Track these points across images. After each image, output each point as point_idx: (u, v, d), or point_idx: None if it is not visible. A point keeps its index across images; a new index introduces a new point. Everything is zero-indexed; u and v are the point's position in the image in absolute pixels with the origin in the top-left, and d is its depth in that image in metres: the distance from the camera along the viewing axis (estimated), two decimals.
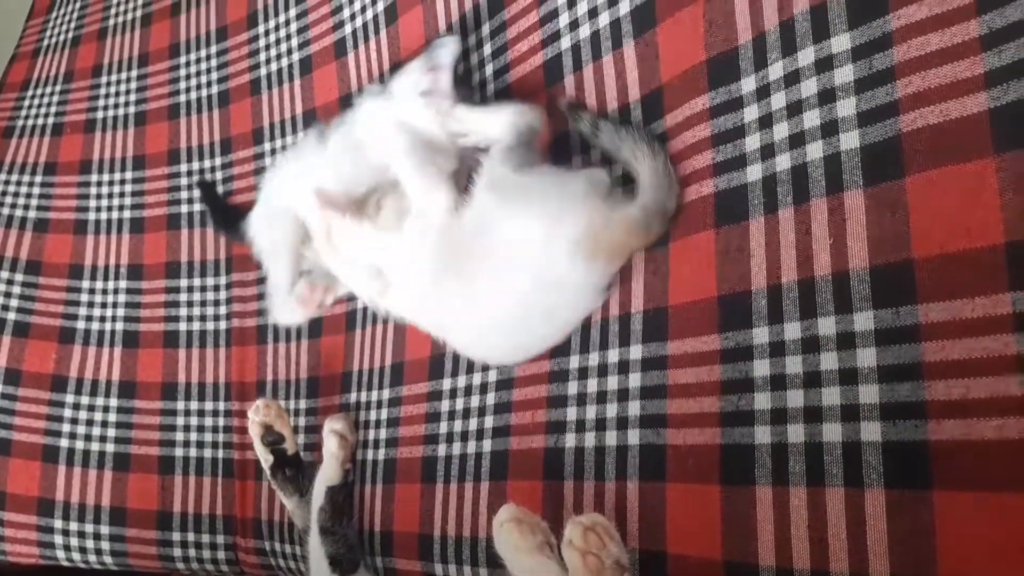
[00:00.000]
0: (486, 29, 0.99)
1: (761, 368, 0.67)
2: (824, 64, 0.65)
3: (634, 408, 0.78)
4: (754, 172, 0.70)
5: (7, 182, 1.58)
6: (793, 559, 0.63)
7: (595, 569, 0.70)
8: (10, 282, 1.48)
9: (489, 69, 0.99)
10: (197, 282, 1.39)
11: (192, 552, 1.30)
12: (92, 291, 1.45)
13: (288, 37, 1.33)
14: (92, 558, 1.34)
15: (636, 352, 0.79)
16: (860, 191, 0.62)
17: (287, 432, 1.14)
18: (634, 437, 0.77)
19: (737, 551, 0.67)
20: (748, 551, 0.66)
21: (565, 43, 0.89)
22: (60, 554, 1.35)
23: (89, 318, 1.43)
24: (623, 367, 0.80)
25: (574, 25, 0.88)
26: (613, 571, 0.70)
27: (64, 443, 1.37)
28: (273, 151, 1.33)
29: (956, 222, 0.57)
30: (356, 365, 1.17)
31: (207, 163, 1.41)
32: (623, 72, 0.83)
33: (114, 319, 1.42)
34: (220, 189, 1.38)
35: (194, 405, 1.33)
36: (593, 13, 0.86)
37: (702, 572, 0.69)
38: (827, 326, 0.63)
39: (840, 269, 0.63)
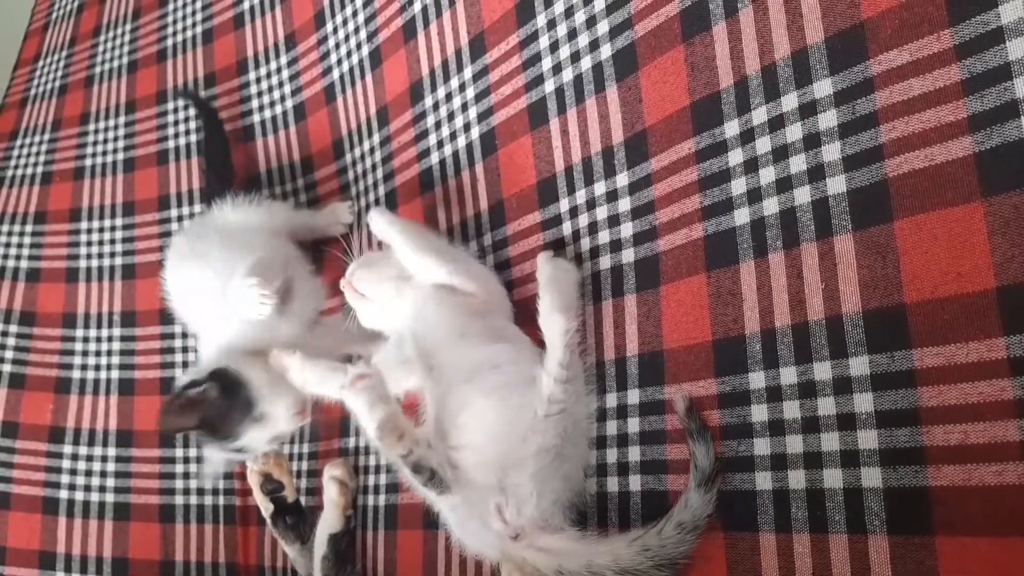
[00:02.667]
0: (468, 73, 1.00)
1: (759, 413, 0.67)
2: (808, 109, 0.66)
3: (634, 454, 0.78)
4: (742, 216, 0.70)
5: None
6: None
7: None
8: (4, 334, 1.48)
9: (473, 112, 0.99)
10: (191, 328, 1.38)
11: None
12: (86, 339, 1.44)
13: (280, 84, 1.33)
14: None
15: (634, 397, 0.79)
16: (849, 235, 0.63)
17: (286, 480, 1.14)
18: (635, 483, 0.77)
19: None
20: None
21: (548, 87, 0.89)
22: None
23: (84, 367, 1.43)
24: (621, 412, 0.79)
25: (557, 69, 0.88)
26: None
27: (64, 494, 1.37)
28: (272, 196, 1.32)
29: (946, 266, 0.57)
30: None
31: (197, 208, 1.41)
32: (606, 115, 0.83)
33: (109, 367, 1.41)
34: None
35: (193, 452, 1.33)
36: (575, 57, 0.86)
37: None
38: (823, 371, 0.63)
39: (833, 313, 0.63)
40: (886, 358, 0.60)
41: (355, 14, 1.19)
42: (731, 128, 0.72)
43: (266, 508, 1.13)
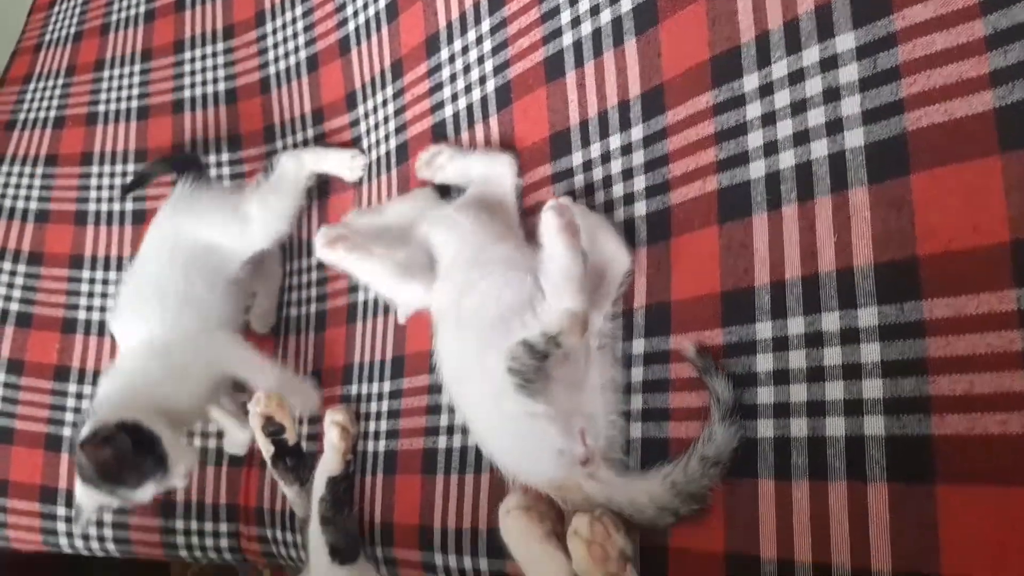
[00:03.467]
0: (485, 26, 0.99)
1: (764, 363, 0.68)
2: (829, 63, 0.66)
3: (636, 402, 0.78)
4: (757, 169, 0.70)
5: (9, 174, 1.58)
6: (795, 551, 0.63)
7: (599, 558, 0.71)
8: (13, 273, 1.48)
9: (489, 65, 0.99)
10: None
11: (195, 540, 1.31)
12: (93, 281, 1.45)
13: (295, 35, 1.33)
14: (95, 545, 1.35)
15: (639, 347, 0.79)
16: (865, 188, 0.63)
17: (288, 423, 1.15)
18: (636, 431, 0.78)
19: (739, 544, 0.67)
20: (750, 544, 0.66)
21: (566, 40, 0.89)
22: (63, 541, 1.36)
23: (90, 308, 1.44)
24: (625, 361, 0.80)
25: (576, 22, 0.88)
26: (617, 562, 0.71)
27: (67, 432, 1.38)
28: (284, 147, 1.33)
29: (962, 220, 0.58)
30: (357, 358, 1.17)
31: (212, 158, 1.42)
32: (624, 69, 0.83)
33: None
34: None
35: None
36: (595, 10, 0.86)
37: (703, 565, 0.70)
38: (831, 321, 0.64)
39: (845, 266, 0.63)
40: (895, 309, 0.60)
41: None
42: (750, 82, 0.72)
43: (267, 450, 1.14)
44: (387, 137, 1.17)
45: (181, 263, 1.19)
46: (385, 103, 1.17)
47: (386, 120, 1.17)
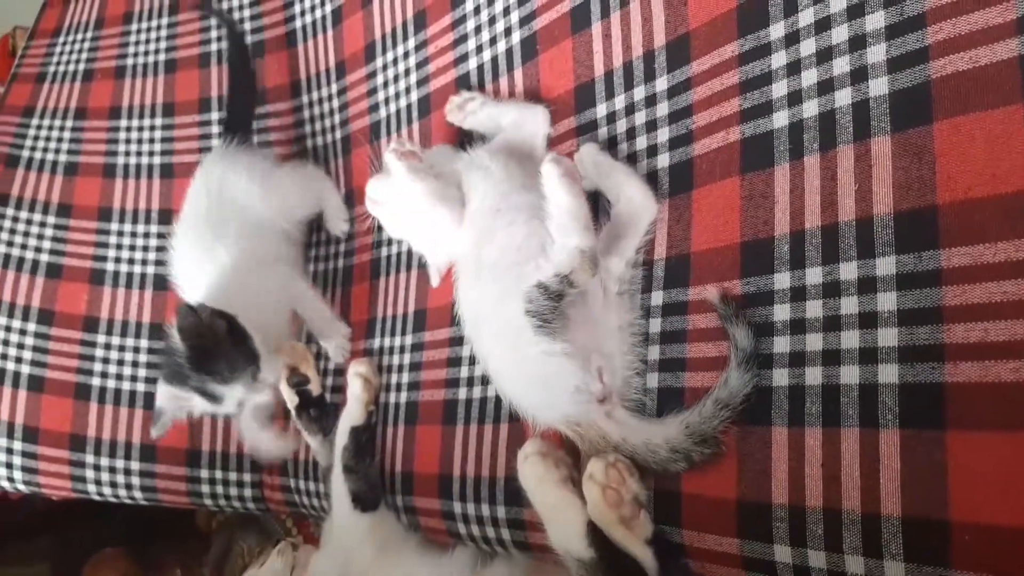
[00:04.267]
0: None
1: (781, 313, 0.68)
2: (855, 10, 0.65)
3: (653, 353, 0.79)
4: (780, 119, 0.70)
5: (39, 127, 1.60)
6: (806, 497, 0.64)
7: (613, 503, 0.72)
8: (43, 224, 1.51)
9: (515, 16, 0.99)
10: None
11: (220, 489, 1.34)
12: (121, 234, 1.47)
13: None
14: (123, 493, 1.38)
15: (658, 298, 0.80)
16: (887, 137, 0.63)
17: (312, 374, 1.17)
18: (652, 380, 0.79)
19: (751, 490, 0.68)
20: (762, 490, 0.67)
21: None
22: (92, 488, 1.39)
23: (118, 260, 1.46)
24: (645, 313, 0.81)
25: None
26: (631, 507, 0.72)
27: (96, 382, 1.41)
28: (310, 104, 1.34)
29: (982, 168, 0.58)
30: (380, 312, 1.19)
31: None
32: (650, 18, 0.83)
33: (144, 262, 1.44)
34: (256, 139, 1.39)
35: None
36: None
37: (715, 511, 0.71)
38: (849, 271, 0.64)
39: (864, 215, 0.63)
40: (913, 258, 0.60)
41: None
42: (776, 30, 0.71)
43: (291, 400, 1.17)
44: (408, 90, 1.17)
45: (232, 214, 1.19)
46: (407, 55, 1.17)
47: (407, 72, 1.17)
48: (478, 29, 1.05)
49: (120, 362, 1.41)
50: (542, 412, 0.83)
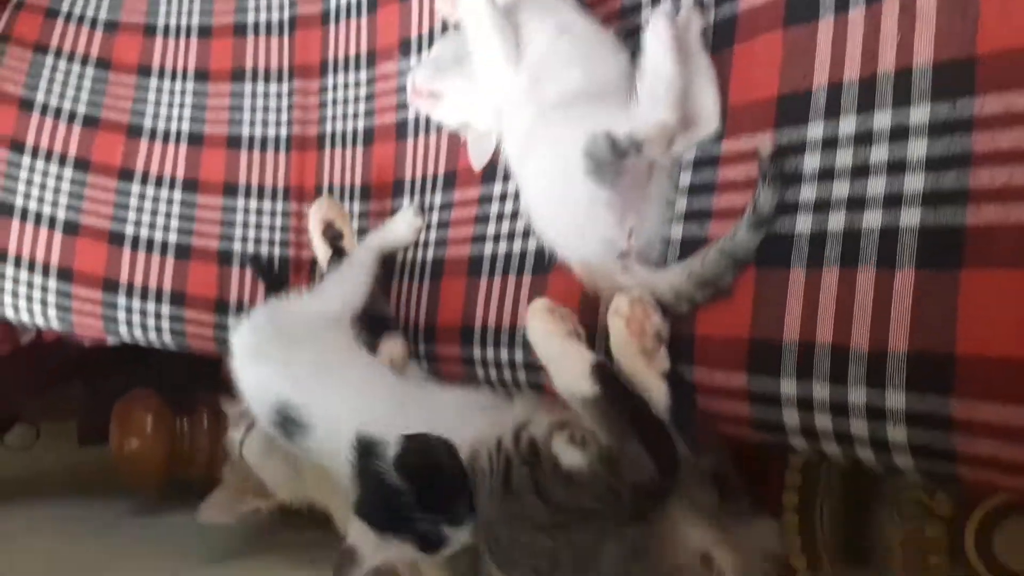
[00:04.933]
0: None
1: (811, 162, 0.71)
2: None
3: (680, 205, 0.82)
4: None
5: None
6: (816, 334, 0.67)
7: (637, 333, 0.75)
8: (81, 76, 1.53)
9: None
10: (260, 88, 1.43)
11: None
12: (159, 90, 1.49)
13: None
14: (152, 336, 1.44)
15: (689, 153, 0.82)
16: None
17: (347, 230, 1.20)
18: (676, 231, 0.82)
19: (763, 330, 0.72)
20: (774, 329, 0.71)
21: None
22: (123, 330, 1.45)
23: (156, 116, 1.48)
24: (676, 167, 0.83)
25: None
26: (653, 341, 0.76)
27: (129, 230, 1.45)
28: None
29: (1022, 19, 0.59)
30: (409, 173, 1.21)
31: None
32: None
33: (180, 119, 1.47)
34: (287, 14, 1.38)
35: (253, 204, 1.40)
36: None
37: (727, 349, 0.75)
38: (882, 119, 0.66)
39: (904, 65, 0.65)
40: (948, 106, 0.62)
41: None
42: None
43: (323, 253, 1.20)
44: None
45: None
46: None
47: None
48: None
49: (153, 212, 1.45)
50: (565, 249, 0.86)
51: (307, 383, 0.97)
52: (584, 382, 0.77)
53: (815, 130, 0.71)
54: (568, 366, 0.80)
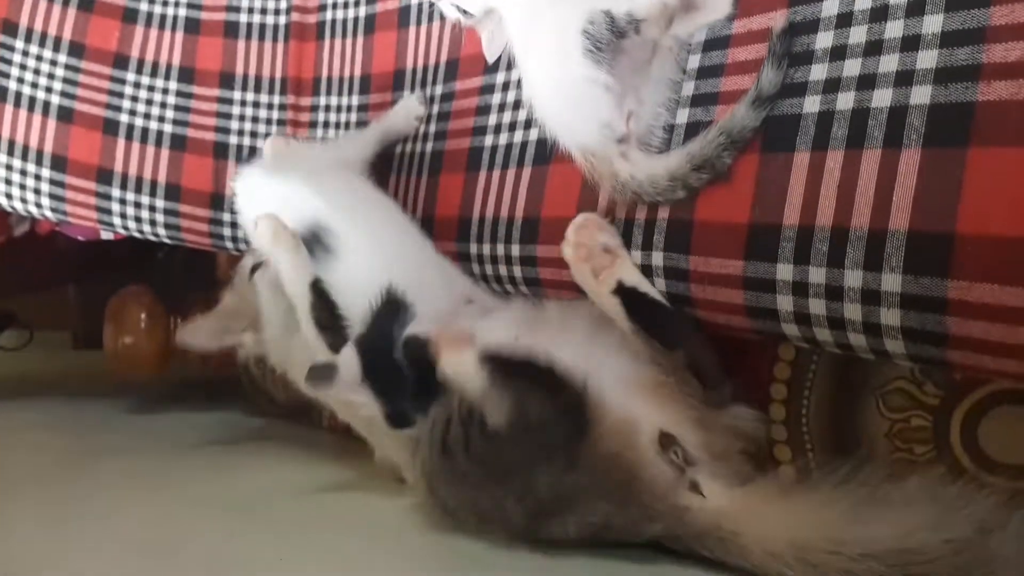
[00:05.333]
0: None
1: (824, 40, 0.68)
2: None
3: (688, 88, 0.80)
4: None
5: None
6: (817, 216, 0.66)
7: (584, 256, 0.80)
8: None
9: None
10: None
11: (241, 233, 1.38)
12: None
13: None
14: (147, 228, 1.42)
15: (699, 34, 0.79)
16: None
17: None
18: (682, 115, 0.80)
19: (763, 214, 0.70)
20: (774, 213, 0.69)
21: None
22: (116, 221, 1.43)
23: (152, 0, 1.44)
24: (684, 50, 0.81)
25: None
26: (600, 255, 0.80)
27: (124, 119, 1.42)
28: None
29: None
30: (410, 63, 1.18)
31: None
32: None
33: (176, 4, 1.43)
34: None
35: (250, 96, 1.37)
36: None
37: (725, 235, 0.73)
38: None
39: None
40: None
41: None
42: None
43: None
44: None
45: None
46: None
47: None
48: None
49: (149, 102, 1.42)
50: (565, 135, 0.85)
51: (340, 213, 0.99)
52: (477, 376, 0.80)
53: (830, 7, 0.68)
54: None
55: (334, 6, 1.30)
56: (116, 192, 1.42)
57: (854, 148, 0.65)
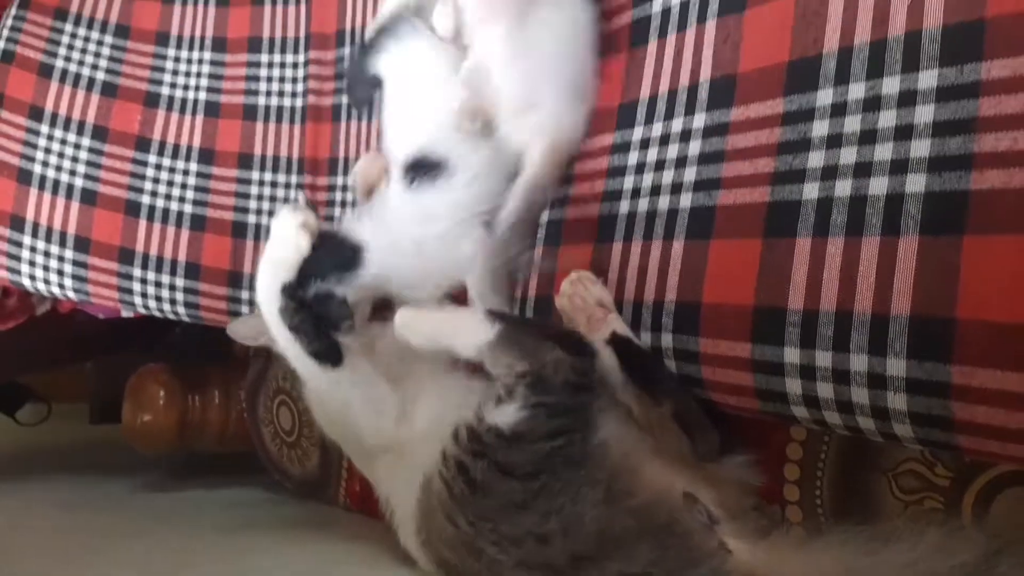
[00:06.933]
0: None
1: (820, 128, 0.70)
2: None
3: (690, 174, 0.82)
4: None
5: None
6: (820, 301, 0.67)
7: (580, 306, 0.83)
8: (100, 43, 1.54)
9: None
10: (277, 58, 1.44)
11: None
12: (177, 59, 1.50)
13: None
14: (167, 307, 1.45)
15: (700, 120, 0.82)
16: None
17: None
18: (686, 200, 0.81)
19: (768, 297, 0.72)
20: (779, 296, 0.70)
21: (656, 6, 0.90)
22: (138, 300, 1.46)
23: (173, 85, 1.49)
24: (685, 136, 0.83)
25: None
26: (596, 309, 0.83)
27: (146, 200, 1.46)
28: None
29: None
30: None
31: None
32: None
33: (197, 88, 1.48)
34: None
35: (268, 176, 1.41)
36: None
37: (732, 319, 0.74)
38: (891, 85, 0.65)
39: (913, 28, 0.64)
40: (955, 71, 0.61)
41: None
42: None
43: None
44: None
45: None
46: None
47: None
48: None
49: (169, 183, 1.46)
50: None
51: None
52: (482, 328, 0.81)
53: (825, 96, 0.70)
54: (460, 326, 0.84)
55: None
56: (137, 272, 1.45)
57: (854, 235, 0.66)
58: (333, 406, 0.98)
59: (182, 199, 1.45)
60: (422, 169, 1.01)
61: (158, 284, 1.44)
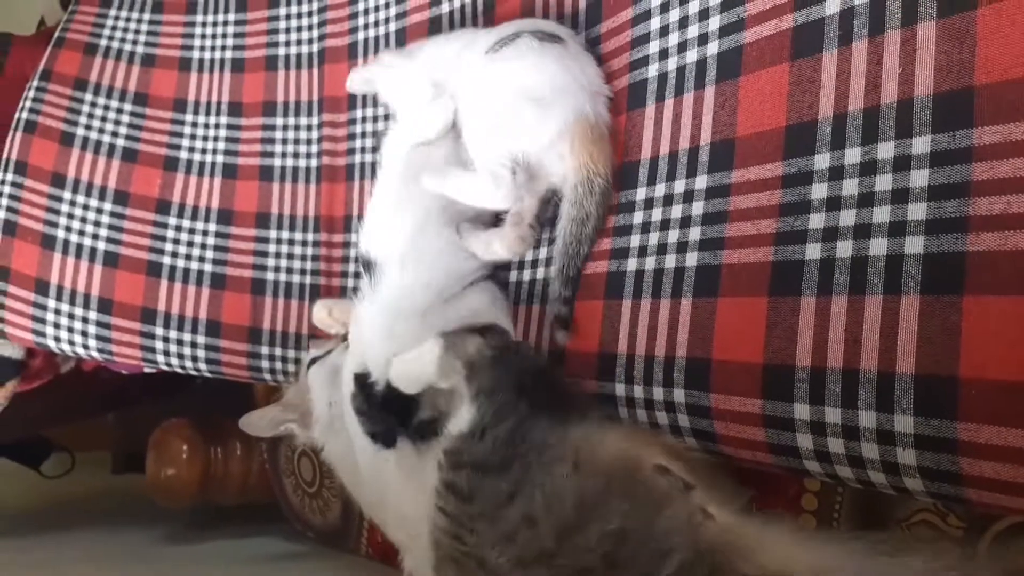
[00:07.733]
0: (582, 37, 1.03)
1: (819, 191, 0.73)
2: None
3: (695, 233, 0.84)
4: (832, 5, 0.73)
5: (116, 17, 1.67)
6: (827, 360, 0.69)
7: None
8: (120, 111, 1.59)
9: None
10: (292, 121, 1.48)
11: (279, 364, 1.43)
12: (195, 124, 1.55)
13: None
14: (188, 364, 1.48)
15: (702, 182, 0.84)
16: (933, 23, 0.66)
17: None
18: (692, 259, 0.84)
19: (777, 355, 0.73)
20: (787, 354, 0.72)
21: (652, 71, 0.92)
22: (160, 358, 1.49)
23: (191, 149, 1.54)
24: (688, 196, 0.85)
25: (663, 55, 0.91)
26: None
27: (167, 260, 1.50)
28: None
29: (1020, 49, 0.60)
30: None
31: (305, 8, 1.48)
32: None
33: (215, 151, 1.52)
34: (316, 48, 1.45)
35: (285, 235, 1.44)
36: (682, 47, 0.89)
37: (742, 375, 0.76)
38: (886, 150, 0.68)
39: (905, 96, 0.67)
40: (948, 137, 0.64)
41: None
42: None
43: None
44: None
45: None
46: None
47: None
48: None
49: (189, 244, 1.50)
50: None
51: None
52: (435, 346, 0.90)
53: (822, 160, 0.73)
54: (422, 356, 0.91)
55: (362, 150, 1.38)
56: (160, 330, 1.48)
57: (857, 294, 0.68)
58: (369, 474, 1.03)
59: (202, 259, 1.48)
60: None
61: (180, 342, 1.47)
